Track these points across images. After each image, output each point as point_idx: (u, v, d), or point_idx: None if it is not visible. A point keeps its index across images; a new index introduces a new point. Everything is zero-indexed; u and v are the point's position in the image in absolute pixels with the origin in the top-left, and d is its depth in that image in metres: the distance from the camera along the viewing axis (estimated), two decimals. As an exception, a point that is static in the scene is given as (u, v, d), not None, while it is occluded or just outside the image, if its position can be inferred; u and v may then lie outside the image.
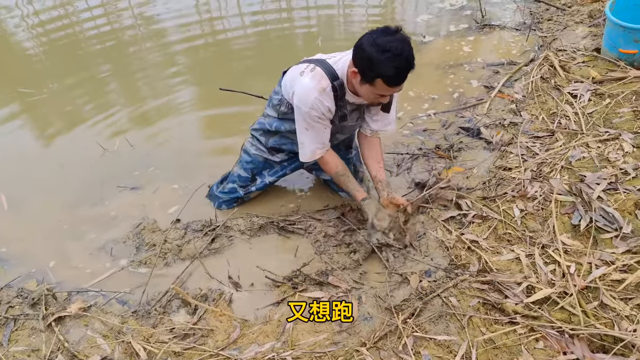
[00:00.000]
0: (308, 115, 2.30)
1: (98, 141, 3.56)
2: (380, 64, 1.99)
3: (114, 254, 2.74)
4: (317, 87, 2.25)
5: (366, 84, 2.12)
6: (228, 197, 2.89)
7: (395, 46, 1.97)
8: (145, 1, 5.68)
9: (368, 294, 2.37)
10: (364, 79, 2.11)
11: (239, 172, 2.83)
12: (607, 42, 3.67)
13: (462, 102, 3.70)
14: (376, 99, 2.22)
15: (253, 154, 2.75)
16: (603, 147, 2.92)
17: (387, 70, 2.00)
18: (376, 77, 2.05)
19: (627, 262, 2.23)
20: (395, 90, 2.15)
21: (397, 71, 2.01)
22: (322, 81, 2.25)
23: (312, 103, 2.26)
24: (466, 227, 2.64)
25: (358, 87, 2.20)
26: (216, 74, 4.37)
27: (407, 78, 2.07)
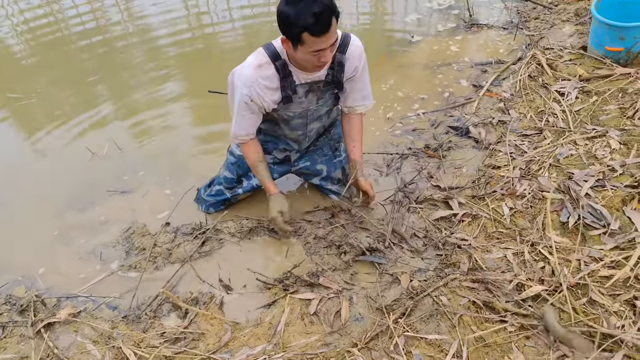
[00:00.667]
0: (240, 93, 2.27)
1: (87, 145, 3.54)
2: (298, 16, 1.91)
3: (103, 259, 2.73)
4: (253, 63, 2.22)
5: (298, 46, 2.03)
6: (215, 199, 2.88)
7: None
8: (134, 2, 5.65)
9: (359, 295, 2.37)
10: (292, 41, 2.02)
11: (225, 173, 2.82)
12: (593, 40, 3.69)
13: (451, 102, 3.72)
14: (316, 60, 2.09)
15: (238, 154, 2.73)
16: (590, 144, 2.94)
17: (306, 19, 1.91)
18: (301, 32, 1.95)
19: (615, 258, 2.24)
20: (326, 39, 2.00)
21: (316, 16, 1.90)
22: (260, 57, 2.21)
23: (246, 79, 2.23)
24: (456, 225, 2.65)
25: (294, 55, 2.12)
26: (206, 74, 4.36)
27: (332, 24, 1.96)
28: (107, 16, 5.47)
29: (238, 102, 2.32)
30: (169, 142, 3.58)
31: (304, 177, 2.95)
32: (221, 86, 3.48)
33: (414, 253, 2.54)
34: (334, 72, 2.33)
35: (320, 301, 2.34)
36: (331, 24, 1.96)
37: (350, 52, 2.30)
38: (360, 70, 2.39)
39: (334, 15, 1.96)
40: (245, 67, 2.25)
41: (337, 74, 2.34)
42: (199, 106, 3.96)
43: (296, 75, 2.28)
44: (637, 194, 2.50)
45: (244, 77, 2.24)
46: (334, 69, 2.32)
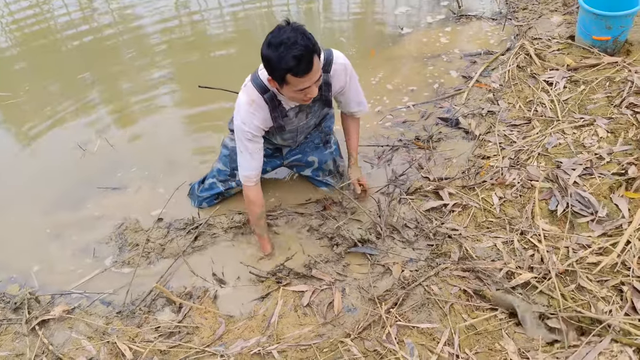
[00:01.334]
0: (241, 131, 2.32)
1: (78, 142, 3.53)
2: (280, 59, 1.96)
3: (96, 255, 2.73)
4: (247, 100, 2.27)
5: (283, 85, 2.07)
6: (209, 193, 2.89)
7: (287, 37, 1.94)
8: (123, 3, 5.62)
9: (351, 286, 2.39)
10: (277, 81, 2.07)
11: (218, 166, 2.83)
12: (580, 30, 3.72)
13: (441, 93, 3.73)
14: (302, 96, 2.13)
15: (231, 147, 2.74)
16: (578, 133, 2.97)
17: (288, 62, 1.95)
18: (285, 74, 2.00)
19: (602, 245, 2.28)
20: (308, 79, 2.04)
21: (297, 59, 1.95)
22: (251, 93, 2.27)
23: (243, 117, 2.28)
24: (447, 216, 2.68)
25: (282, 92, 2.17)
26: (196, 70, 4.34)
27: (314, 63, 2.00)
28: (97, 14, 5.43)
29: (242, 140, 2.35)
30: (160, 138, 3.57)
31: (295, 169, 2.97)
32: (211, 80, 3.50)
33: (405, 244, 2.57)
34: (321, 91, 2.37)
35: (313, 293, 2.37)
36: (313, 63, 2.00)
37: (335, 71, 2.34)
38: (348, 83, 2.45)
39: (315, 55, 2.00)
40: (240, 105, 2.30)
41: (324, 93, 2.39)
42: (191, 101, 3.96)
43: (285, 102, 2.34)
44: (624, 182, 2.54)
45: (241, 115, 2.29)
46: (321, 89, 2.35)
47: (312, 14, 5.19)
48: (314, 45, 1.99)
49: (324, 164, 2.86)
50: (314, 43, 1.99)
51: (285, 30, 1.96)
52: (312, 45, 1.98)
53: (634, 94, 3.13)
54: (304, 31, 1.98)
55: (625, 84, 3.23)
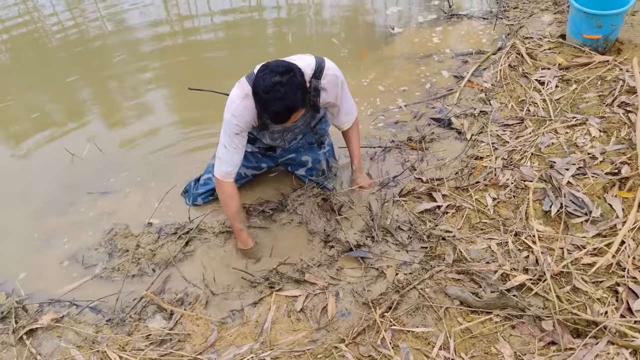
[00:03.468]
0: (230, 124, 2.32)
1: (66, 147, 3.47)
2: (264, 105, 2.09)
3: (85, 262, 2.68)
4: (240, 94, 2.28)
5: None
6: (204, 189, 2.87)
7: (265, 91, 2.05)
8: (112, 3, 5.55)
9: (345, 290, 2.36)
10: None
11: (214, 161, 2.79)
12: (571, 29, 3.72)
13: (433, 93, 3.72)
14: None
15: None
16: (571, 132, 2.96)
17: (268, 113, 2.11)
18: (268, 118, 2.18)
19: (597, 245, 2.27)
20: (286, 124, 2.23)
21: (275, 115, 2.10)
22: (244, 87, 2.27)
23: (234, 109, 2.29)
24: (440, 217, 2.66)
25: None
26: (186, 73, 4.30)
27: (293, 114, 2.12)
28: (85, 15, 5.37)
29: (228, 134, 2.35)
30: (150, 142, 3.52)
31: (290, 167, 2.94)
32: (201, 83, 3.46)
33: (399, 246, 2.54)
34: (310, 96, 2.36)
35: (306, 298, 2.34)
36: (291, 117, 2.14)
37: (327, 81, 2.35)
38: (339, 94, 2.47)
39: (295, 111, 2.12)
40: (232, 98, 2.31)
41: (313, 99, 2.38)
42: (180, 104, 3.92)
43: None
44: (617, 181, 2.53)
45: (233, 108, 2.30)
46: (310, 94, 2.35)
47: (303, 16, 5.15)
48: (295, 104, 2.09)
49: (317, 164, 2.84)
50: (296, 102, 2.08)
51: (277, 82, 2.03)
52: (293, 104, 2.08)
53: (625, 92, 3.12)
54: (292, 87, 2.05)
55: (616, 83, 3.23)
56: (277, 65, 2.08)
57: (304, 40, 4.72)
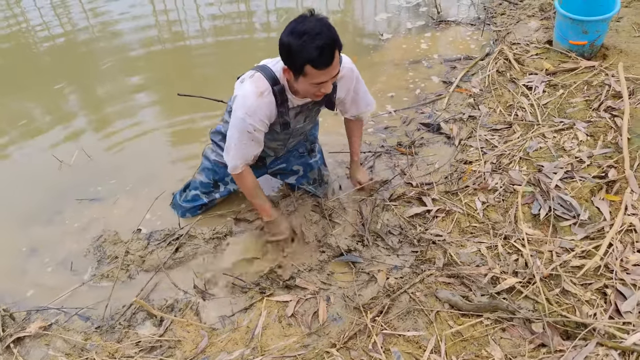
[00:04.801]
0: (243, 122, 2.21)
1: (54, 154, 3.44)
2: (302, 48, 1.91)
3: (74, 269, 2.66)
4: (255, 91, 2.17)
5: (299, 77, 2.03)
6: (191, 205, 2.84)
7: (312, 27, 1.91)
8: (100, 11, 5.53)
9: (336, 294, 2.36)
10: (294, 72, 2.02)
11: (201, 178, 2.79)
12: (558, 35, 3.76)
13: (422, 98, 3.74)
14: (317, 90, 2.09)
15: (213, 160, 2.71)
16: (558, 136, 2.99)
17: (310, 52, 1.91)
18: (304, 64, 1.96)
19: (585, 248, 2.29)
20: (328, 71, 2.00)
21: (320, 50, 1.91)
22: (260, 84, 2.18)
23: (249, 108, 2.18)
24: (430, 222, 2.67)
25: (295, 85, 2.13)
26: (175, 79, 4.30)
27: (335, 57, 1.97)
28: (73, 22, 5.34)
29: (240, 130, 2.24)
30: (139, 148, 3.51)
31: (279, 176, 2.93)
32: (191, 89, 3.46)
33: (389, 251, 2.55)
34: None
35: (297, 303, 2.33)
36: (334, 57, 1.96)
37: (343, 75, 2.28)
38: (354, 87, 2.42)
39: (337, 48, 1.96)
40: (247, 95, 2.18)
41: (329, 95, 2.32)
42: (169, 110, 3.90)
43: (291, 100, 2.27)
44: (604, 185, 2.56)
45: (247, 106, 2.18)
46: None
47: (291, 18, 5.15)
48: (337, 38, 1.96)
49: (309, 172, 2.84)
50: (337, 36, 1.96)
51: (309, 20, 1.93)
52: (336, 38, 1.95)
53: (611, 97, 3.17)
54: (328, 23, 1.95)
55: (602, 88, 3.27)
56: (299, 17, 1.97)
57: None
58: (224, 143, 2.62)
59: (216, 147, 2.71)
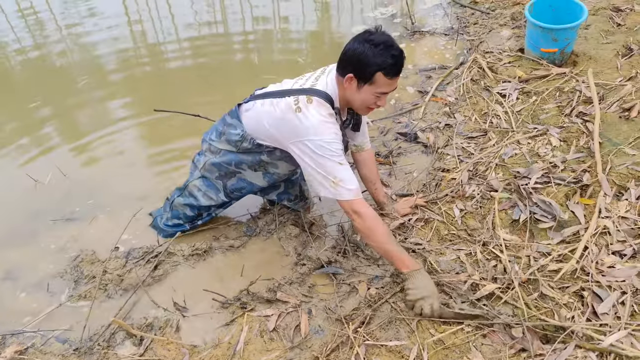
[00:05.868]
0: (333, 146, 2.12)
1: (29, 173, 3.39)
2: (377, 56, 2.02)
3: (50, 290, 2.60)
4: (326, 115, 2.14)
5: (365, 85, 2.11)
6: (173, 230, 2.80)
7: (385, 39, 2.05)
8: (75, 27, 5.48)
9: (318, 307, 2.36)
10: (362, 79, 2.10)
11: (185, 211, 2.74)
12: (529, 43, 3.84)
13: (398, 108, 3.78)
14: (376, 100, 2.17)
15: (203, 204, 2.68)
16: (533, 142, 3.04)
17: (385, 59, 2.03)
18: (376, 72, 2.05)
19: (562, 252, 2.32)
20: (394, 82, 2.13)
21: (395, 59, 2.05)
22: (324, 106, 2.16)
23: (334, 130, 2.14)
24: (410, 230, 2.68)
25: (354, 95, 2.16)
26: (152, 94, 4.27)
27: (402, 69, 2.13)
28: (47, 38, 5.29)
29: (333, 152, 2.13)
30: (116, 165, 3.48)
31: (260, 193, 2.90)
32: (167, 104, 3.44)
33: (369, 260, 2.55)
34: (353, 113, 2.39)
35: (279, 317, 2.31)
36: (402, 69, 2.11)
37: None
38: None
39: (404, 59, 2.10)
40: (320, 122, 2.12)
41: (356, 115, 2.43)
42: (146, 126, 3.87)
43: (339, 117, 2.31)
44: (578, 189, 2.60)
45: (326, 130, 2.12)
46: (353, 111, 2.37)
47: (268, 34, 5.19)
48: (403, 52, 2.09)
49: (290, 188, 2.82)
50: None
51: (381, 33, 2.07)
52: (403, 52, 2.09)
53: (582, 103, 3.23)
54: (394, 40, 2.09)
55: (574, 94, 3.34)
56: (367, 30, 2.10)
57: (271, 59, 4.75)
58: (221, 182, 2.58)
59: (207, 187, 2.62)
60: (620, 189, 2.55)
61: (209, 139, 2.55)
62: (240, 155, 2.45)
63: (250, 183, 2.58)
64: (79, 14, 5.70)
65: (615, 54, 3.63)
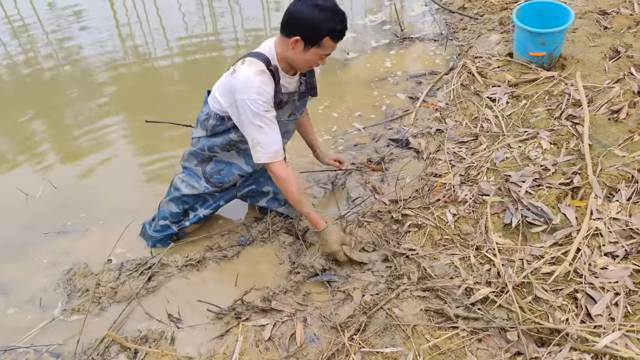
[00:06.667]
0: (255, 105, 2.22)
1: (20, 187, 3.37)
2: (326, 21, 2.13)
3: (43, 305, 2.59)
4: (256, 71, 2.23)
5: (312, 48, 2.20)
6: (162, 235, 2.80)
7: (332, 4, 2.16)
8: (65, 39, 5.48)
9: (313, 315, 2.35)
10: (309, 43, 2.19)
11: (169, 208, 2.74)
12: (517, 47, 3.87)
13: (390, 115, 3.79)
14: (320, 61, 2.29)
15: (184, 193, 2.68)
16: (523, 146, 3.06)
17: (335, 25, 2.15)
18: (324, 36, 2.17)
19: (554, 254, 2.33)
20: (336, 45, 2.25)
21: (343, 24, 2.18)
22: (257, 64, 2.25)
23: (257, 88, 2.21)
24: (403, 236, 2.69)
25: (299, 55, 2.24)
26: (143, 105, 4.26)
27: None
28: (37, 51, 5.28)
29: (256, 113, 2.24)
30: (108, 177, 3.46)
31: (250, 200, 2.91)
32: (158, 116, 3.44)
33: (363, 267, 2.55)
34: (306, 79, 2.46)
35: (274, 326, 2.31)
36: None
37: None
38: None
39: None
40: (249, 77, 2.22)
41: (309, 80, 2.50)
42: (138, 137, 3.86)
43: (283, 85, 2.37)
44: (570, 191, 2.62)
45: (254, 87, 2.22)
46: (305, 76, 2.45)
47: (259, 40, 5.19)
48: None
49: (278, 194, 2.83)
50: None
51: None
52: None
53: (571, 105, 3.26)
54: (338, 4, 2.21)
55: (562, 97, 3.36)
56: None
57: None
58: (200, 168, 2.62)
59: (188, 176, 2.68)
60: (611, 190, 2.56)
61: (192, 135, 2.65)
62: (211, 138, 2.53)
63: (228, 163, 2.63)
64: (69, 26, 5.69)
65: (602, 57, 3.66)
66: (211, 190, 2.69)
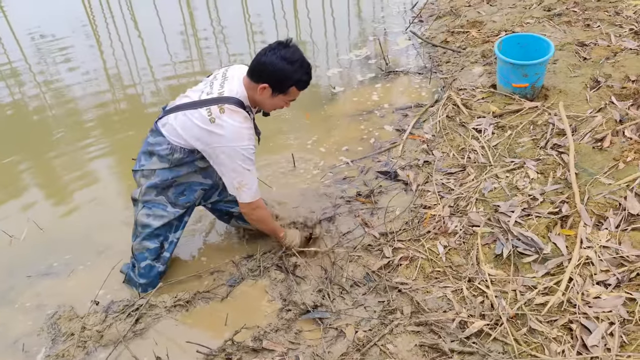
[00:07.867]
0: (247, 150, 2.36)
1: (4, 229, 3.31)
2: (293, 73, 2.32)
3: (26, 350, 2.50)
4: (241, 120, 2.35)
5: (279, 95, 2.39)
6: (149, 279, 2.73)
7: (298, 56, 2.32)
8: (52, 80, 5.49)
9: (305, 354, 2.30)
10: (276, 90, 2.37)
11: (146, 247, 2.67)
12: (500, 79, 3.94)
13: (377, 147, 3.81)
14: (285, 105, 2.50)
15: (156, 225, 2.63)
16: (511, 176, 3.08)
17: (301, 77, 2.35)
18: (291, 86, 2.36)
19: (547, 284, 2.31)
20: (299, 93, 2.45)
21: (308, 76, 2.38)
22: (239, 112, 2.36)
23: (247, 135, 2.36)
24: (394, 270, 2.66)
25: (266, 100, 2.42)
26: (130, 144, 4.24)
27: None
28: (23, 92, 5.28)
29: (245, 159, 2.37)
30: (93, 216, 3.41)
31: (217, 213, 2.96)
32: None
33: (356, 303, 2.51)
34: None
35: (266, 366, 2.25)
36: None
37: None
38: None
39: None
40: (237, 127, 2.33)
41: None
42: (124, 176, 3.83)
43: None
44: (558, 220, 2.62)
45: (245, 137, 2.36)
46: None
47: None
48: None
49: None
50: None
51: (294, 49, 2.32)
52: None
53: (556, 135, 3.30)
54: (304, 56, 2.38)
55: (547, 127, 3.41)
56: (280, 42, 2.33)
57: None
58: (162, 197, 2.60)
59: (153, 208, 2.62)
60: (600, 218, 2.58)
61: (139, 167, 2.61)
62: (174, 169, 2.54)
63: (187, 182, 2.63)
64: (56, 67, 5.71)
65: (583, 87, 3.74)
66: (180, 212, 2.66)
